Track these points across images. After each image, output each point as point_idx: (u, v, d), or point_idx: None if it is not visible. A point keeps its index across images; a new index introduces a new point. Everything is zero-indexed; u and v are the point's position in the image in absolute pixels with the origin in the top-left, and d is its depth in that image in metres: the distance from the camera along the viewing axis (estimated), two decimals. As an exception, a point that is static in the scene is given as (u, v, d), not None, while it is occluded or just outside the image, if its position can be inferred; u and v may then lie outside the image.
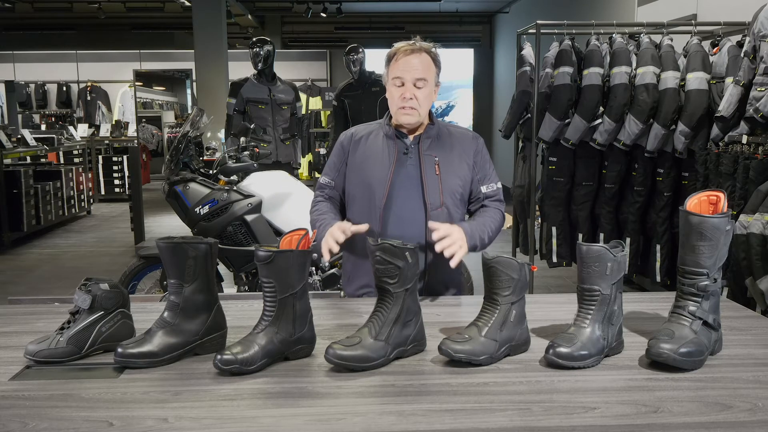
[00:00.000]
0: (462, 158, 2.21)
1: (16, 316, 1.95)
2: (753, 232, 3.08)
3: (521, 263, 1.62)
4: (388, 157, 2.17)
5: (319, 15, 12.42)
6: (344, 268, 2.34)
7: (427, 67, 2.12)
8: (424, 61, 2.12)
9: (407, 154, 2.17)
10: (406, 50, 2.10)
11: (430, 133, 2.19)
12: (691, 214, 1.57)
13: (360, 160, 2.20)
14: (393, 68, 2.13)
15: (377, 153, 2.18)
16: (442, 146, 2.19)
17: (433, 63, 2.14)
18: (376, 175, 2.16)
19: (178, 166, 3.97)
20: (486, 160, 2.28)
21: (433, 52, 2.15)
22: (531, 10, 10.78)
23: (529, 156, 4.73)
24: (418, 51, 2.11)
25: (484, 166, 2.26)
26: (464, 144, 2.23)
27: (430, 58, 2.13)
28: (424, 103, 2.13)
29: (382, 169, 2.16)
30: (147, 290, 3.86)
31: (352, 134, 2.26)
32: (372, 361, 1.52)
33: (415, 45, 2.12)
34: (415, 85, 2.10)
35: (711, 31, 4.35)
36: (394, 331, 1.57)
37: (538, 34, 4.37)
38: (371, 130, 2.25)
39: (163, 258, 1.59)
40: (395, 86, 2.13)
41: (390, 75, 2.15)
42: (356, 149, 2.22)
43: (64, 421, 1.27)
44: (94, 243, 7.48)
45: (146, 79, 13.71)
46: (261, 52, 5.67)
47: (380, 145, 2.19)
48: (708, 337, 1.57)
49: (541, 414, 1.30)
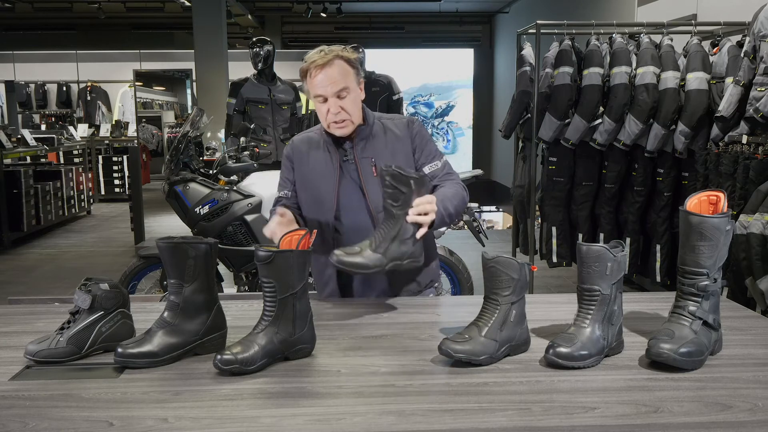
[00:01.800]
0: (399, 150, 2.14)
1: (16, 316, 1.95)
2: (753, 232, 3.08)
3: (521, 263, 1.62)
4: (332, 166, 2.13)
5: (319, 15, 12.43)
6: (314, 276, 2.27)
7: (345, 75, 2.05)
8: (340, 70, 2.04)
9: (347, 160, 2.14)
10: (319, 64, 2.03)
11: (363, 135, 2.14)
12: (691, 214, 1.57)
13: (305, 171, 2.17)
14: (311, 85, 2.06)
15: (321, 163, 2.15)
16: (376, 145, 2.14)
17: (349, 66, 2.07)
18: (322, 187, 2.14)
19: (178, 166, 3.97)
20: (425, 141, 2.17)
21: (346, 55, 2.07)
22: (531, 10, 10.78)
23: (529, 156, 4.73)
24: (329, 62, 2.03)
25: (424, 148, 2.17)
26: (400, 134, 2.16)
27: (344, 62, 2.06)
28: (353, 110, 2.08)
29: (328, 179, 2.13)
30: (147, 290, 3.86)
31: (293, 144, 2.22)
32: (368, 269, 1.77)
33: (326, 56, 2.04)
34: (339, 97, 2.05)
35: (711, 31, 4.35)
36: (392, 246, 1.80)
37: (538, 34, 4.37)
38: (311, 139, 2.20)
39: (163, 258, 1.59)
40: (319, 103, 2.07)
41: (311, 92, 2.08)
42: (301, 161, 2.19)
43: (64, 421, 1.27)
44: (94, 243, 7.48)
45: (146, 79, 13.71)
46: (261, 52, 5.67)
47: (322, 155, 2.16)
48: (708, 337, 1.57)
49: (541, 414, 1.30)
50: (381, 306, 2.05)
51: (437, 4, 12.56)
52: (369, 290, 2.17)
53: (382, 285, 2.16)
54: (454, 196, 2.06)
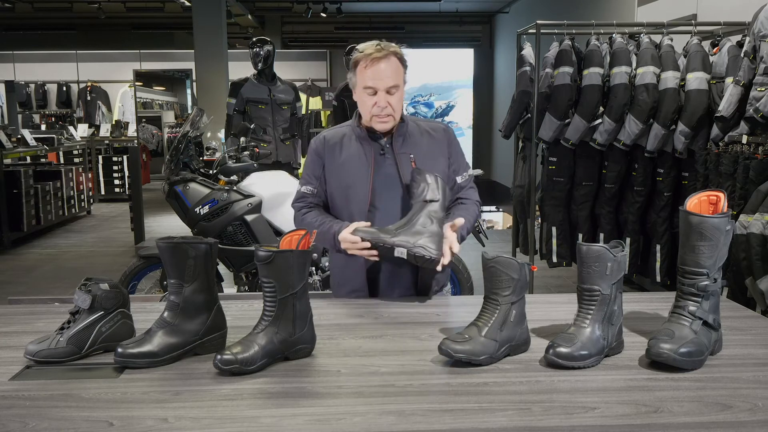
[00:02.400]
0: (437, 152, 2.20)
1: (16, 316, 1.95)
2: (753, 232, 3.08)
3: (521, 263, 1.62)
4: (366, 159, 2.15)
5: (319, 15, 12.42)
6: (333, 274, 2.30)
7: (397, 72, 2.09)
8: (394, 66, 2.08)
9: (384, 155, 2.16)
10: (375, 57, 2.05)
11: (401, 131, 2.17)
12: (691, 214, 1.57)
13: (338, 166, 2.18)
14: (362, 76, 2.08)
15: (354, 157, 2.16)
16: (415, 143, 2.18)
17: (401, 65, 2.10)
18: (356, 179, 2.14)
19: (178, 166, 3.97)
20: (458, 150, 2.27)
21: (400, 53, 2.10)
22: (531, 10, 10.78)
23: (529, 156, 4.73)
24: (386, 56, 2.06)
25: (458, 157, 2.25)
26: (437, 137, 2.22)
27: (398, 60, 2.09)
28: (398, 108, 2.11)
29: (362, 172, 2.14)
30: (147, 290, 3.86)
31: (324, 139, 2.22)
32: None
33: (382, 50, 2.06)
34: (389, 92, 2.08)
35: (711, 31, 4.35)
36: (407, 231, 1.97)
37: (538, 34, 4.37)
38: (343, 133, 2.22)
39: (163, 258, 1.59)
40: (367, 95, 2.09)
41: (359, 83, 2.10)
42: (332, 154, 2.19)
43: (64, 421, 1.27)
44: (94, 243, 7.48)
45: (146, 79, 13.71)
46: (261, 52, 5.67)
47: (356, 148, 2.17)
48: (708, 337, 1.57)
49: (541, 414, 1.30)
50: (381, 306, 2.05)
51: (437, 4, 12.56)
52: (393, 287, 2.18)
53: (407, 282, 2.18)
54: (471, 220, 2.22)
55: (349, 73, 2.16)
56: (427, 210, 2.01)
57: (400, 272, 2.16)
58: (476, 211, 2.27)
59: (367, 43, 2.12)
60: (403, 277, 2.17)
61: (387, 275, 2.17)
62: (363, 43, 2.13)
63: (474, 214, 2.24)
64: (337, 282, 2.28)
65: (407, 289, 2.18)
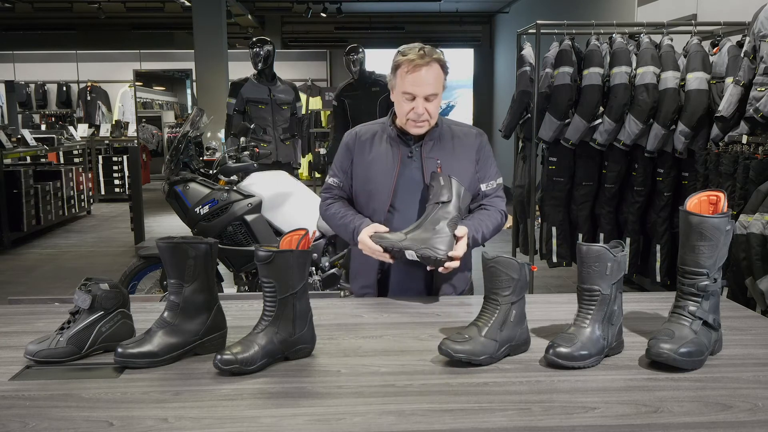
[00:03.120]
0: (464, 157, 2.19)
1: (16, 316, 1.95)
2: (753, 232, 3.08)
3: (521, 263, 1.62)
4: (393, 161, 2.16)
5: (319, 15, 12.42)
6: (351, 266, 2.32)
7: (438, 79, 2.08)
8: (435, 74, 2.07)
9: (411, 158, 2.17)
10: (418, 64, 2.03)
11: (432, 135, 2.18)
12: (691, 214, 1.57)
13: (365, 163, 2.19)
14: (403, 81, 2.07)
15: (382, 156, 2.17)
16: (444, 147, 2.18)
17: (443, 72, 2.10)
18: (380, 179, 2.15)
19: (178, 166, 3.97)
20: (488, 157, 2.25)
21: (442, 60, 2.09)
22: (531, 10, 10.78)
23: (529, 156, 4.73)
24: (429, 63, 2.04)
25: (485, 164, 2.24)
26: (467, 142, 2.21)
27: (440, 67, 2.08)
28: (434, 114, 2.12)
29: (387, 173, 2.15)
30: (147, 290, 3.86)
31: (357, 134, 2.24)
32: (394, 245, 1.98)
33: (425, 56, 2.05)
34: (427, 99, 2.07)
35: (711, 31, 4.35)
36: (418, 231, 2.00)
37: (538, 34, 4.37)
38: (375, 131, 2.23)
39: (163, 258, 1.59)
40: (406, 100, 2.08)
41: (399, 87, 2.09)
42: (362, 151, 2.20)
43: (64, 421, 1.27)
44: (94, 243, 7.48)
45: (146, 79, 13.70)
46: (261, 52, 5.67)
47: (384, 147, 2.18)
48: (708, 337, 1.57)
49: (541, 414, 1.30)
50: (381, 306, 2.05)
51: (437, 4, 12.55)
52: (405, 291, 2.18)
53: (419, 286, 2.19)
54: (490, 226, 2.19)
55: (388, 74, 2.15)
56: (439, 211, 2.02)
57: (414, 276, 2.17)
58: (498, 219, 2.21)
59: (409, 45, 2.10)
60: (416, 280, 2.18)
61: (400, 278, 2.18)
62: (405, 45, 2.12)
63: (495, 221, 2.20)
64: (354, 274, 2.29)
65: (420, 292, 2.19)
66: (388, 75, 2.16)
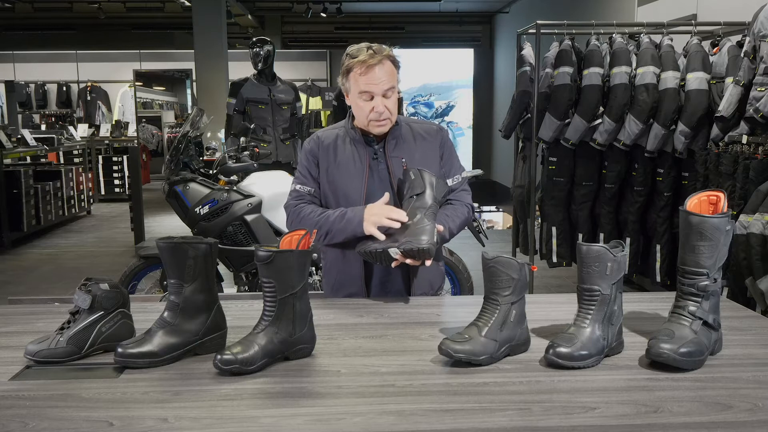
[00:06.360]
0: (428, 153, 2.19)
1: (16, 316, 1.95)
2: (753, 232, 3.08)
3: (521, 263, 1.62)
4: (361, 163, 2.15)
5: (319, 15, 12.42)
6: (329, 278, 2.26)
7: (391, 75, 2.08)
8: (388, 70, 2.07)
9: (377, 159, 2.16)
10: (371, 63, 2.04)
11: (394, 134, 2.17)
12: (691, 214, 1.57)
13: (332, 168, 2.17)
14: (357, 81, 2.07)
15: (349, 159, 2.16)
16: (407, 145, 2.18)
17: (395, 66, 2.10)
18: (350, 183, 2.14)
19: (178, 166, 3.97)
20: (451, 152, 2.26)
21: (392, 55, 2.10)
22: (531, 10, 10.78)
23: (529, 156, 4.73)
24: (381, 61, 2.05)
25: (449, 159, 2.24)
26: (429, 139, 2.21)
27: (391, 62, 2.09)
28: (394, 110, 2.11)
29: (356, 176, 2.14)
30: (147, 290, 3.86)
31: (319, 139, 2.22)
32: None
33: (376, 55, 2.06)
34: (385, 96, 2.07)
35: (711, 31, 4.35)
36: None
37: (538, 34, 4.37)
38: (336, 134, 2.21)
39: (163, 258, 1.59)
40: (363, 100, 2.08)
41: (355, 89, 2.09)
42: (327, 155, 2.19)
43: (64, 421, 1.27)
44: (94, 243, 7.48)
45: (146, 79, 13.71)
46: (261, 52, 5.67)
47: (350, 150, 2.17)
48: (708, 337, 1.57)
49: (541, 414, 1.30)
50: (381, 306, 2.05)
51: (437, 4, 12.56)
52: (385, 290, 2.18)
53: (398, 285, 2.18)
54: (457, 220, 2.17)
55: (340, 78, 2.14)
56: (415, 204, 2.02)
57: (393, 276, 2.16)
58: (464, 212, 2.21)
59: (357, 46, 2.10)
60: (395, 280, 2.17)
61: (379, 281, 2.18)
62: (353, 47, 2.11)
63: (462, 215, 2.20)
64: (337, 285, 2.24)
65: (399, 292, 2.18)
66: (339, 80, 2.16)
